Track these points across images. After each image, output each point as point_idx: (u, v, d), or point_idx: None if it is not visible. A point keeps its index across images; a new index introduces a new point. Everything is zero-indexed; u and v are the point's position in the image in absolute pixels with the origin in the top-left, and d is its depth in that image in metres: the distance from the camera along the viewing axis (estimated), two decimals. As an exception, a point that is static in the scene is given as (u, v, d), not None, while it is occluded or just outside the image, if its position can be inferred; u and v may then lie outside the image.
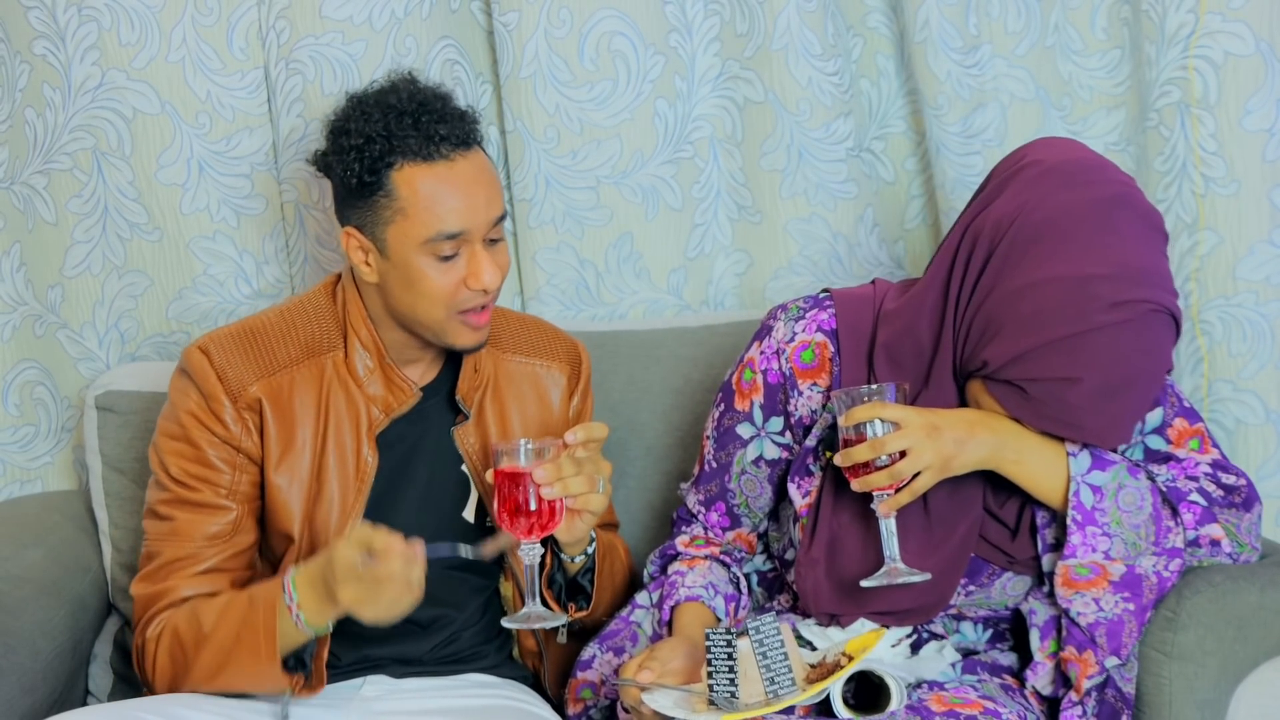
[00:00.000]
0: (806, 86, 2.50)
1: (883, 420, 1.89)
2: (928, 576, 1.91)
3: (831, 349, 2.06)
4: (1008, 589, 2.03)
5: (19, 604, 2.18)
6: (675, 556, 2.18)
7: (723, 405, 2.14)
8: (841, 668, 1.86)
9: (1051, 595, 1.98)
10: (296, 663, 1.99)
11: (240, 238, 2.57)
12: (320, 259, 2.57)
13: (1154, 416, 2.05)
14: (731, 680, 1.84)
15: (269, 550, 2.14)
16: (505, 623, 1.96)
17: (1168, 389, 2.06)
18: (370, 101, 2.04)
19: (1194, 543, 2.00)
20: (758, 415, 2.11)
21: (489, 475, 1.96)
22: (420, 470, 2.14)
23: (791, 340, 2.09)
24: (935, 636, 2.04)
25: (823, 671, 1.88)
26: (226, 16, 2.51)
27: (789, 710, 1.86)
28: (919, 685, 1.96)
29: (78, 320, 2.57)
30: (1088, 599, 1.93)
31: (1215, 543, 2.01)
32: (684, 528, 2.22)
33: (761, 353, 2.11)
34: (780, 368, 2.09)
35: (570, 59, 2.53)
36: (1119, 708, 1.94)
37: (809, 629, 2.01)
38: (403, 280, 2.02)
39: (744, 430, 2.12)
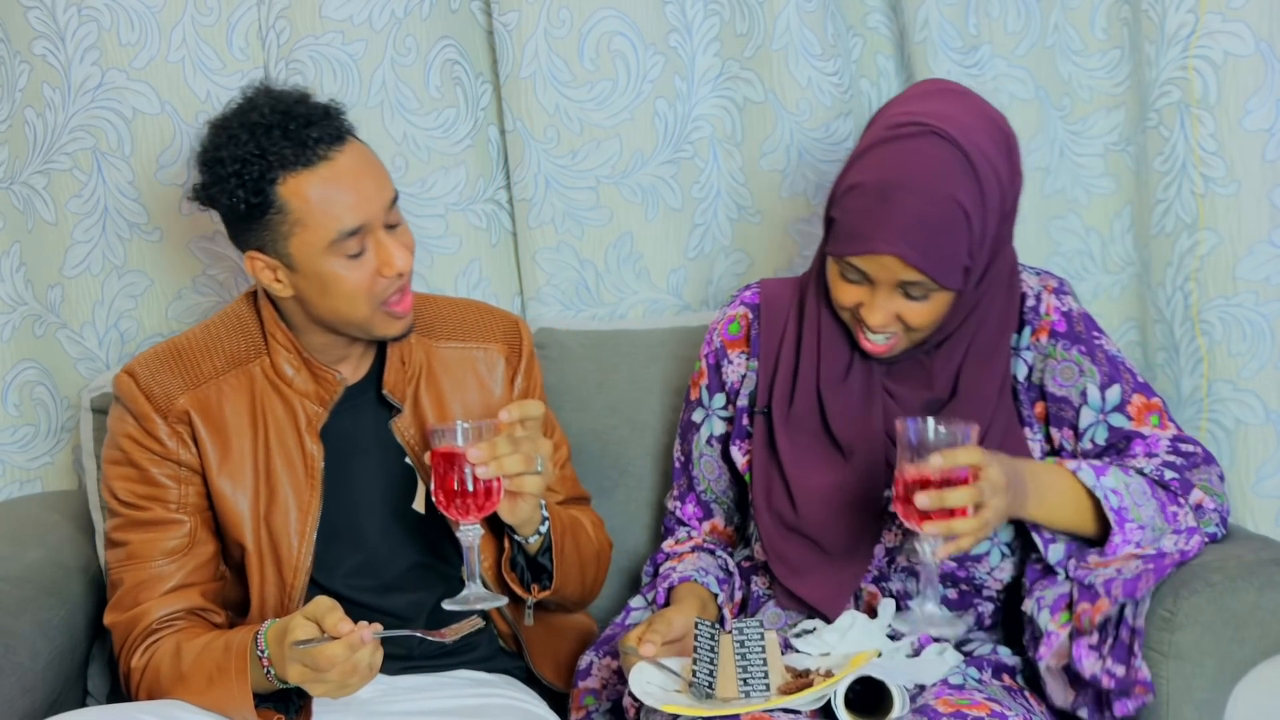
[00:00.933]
0: (806, 86, 2.50)
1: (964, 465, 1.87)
2: (960, 629, 1.94)
3: (751, 317, 2.19)
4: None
5: (18, 604, 2.18)
6: (666, 559, 2.23)
7: (684, 405, 2.28)
8: (821, 681, 1.88)
9: (1048, 571, 2.02)
10: (282, 698, 1.98)
11: (240, 238, 2.57)
12: (320, 259, 2.57)
13: (1113, 394, 2.07)
14: (711, 672, 1.88)
15: (229, 558, 2.14)
16: (446, 604, 1.95)
17: (1120, 365, 2.08)
18: (234, 124, 2.00)
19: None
20: (704, 396, 2.23)
21: (426, 457, 1.94)
22: (366, 466, 2.14)
23: (721, 319, 2.23)
24: (936, 640, 2.05)
25: (803, 683, 1.90)
26: (226, 16, 2.52)
27: (795, 712, 1.88)
28: (920, 689, 1.96)
29: (78, 320, 2.57)
30: (1110, 570, 1.97)
31: (1199, 506, 2.04)
32: (669, 536, 2.29)
33: (705, 342, 2.24)
34: (714, 345, 2.22)
35: (570, 59, 2.53)
36: (1131, 643, 1.95)
37: (805, 641, 2.02)
38: (318, 288, 2.01)
39: (697, 416, 2.24)
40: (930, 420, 1.88)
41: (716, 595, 2.13)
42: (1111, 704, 1.92)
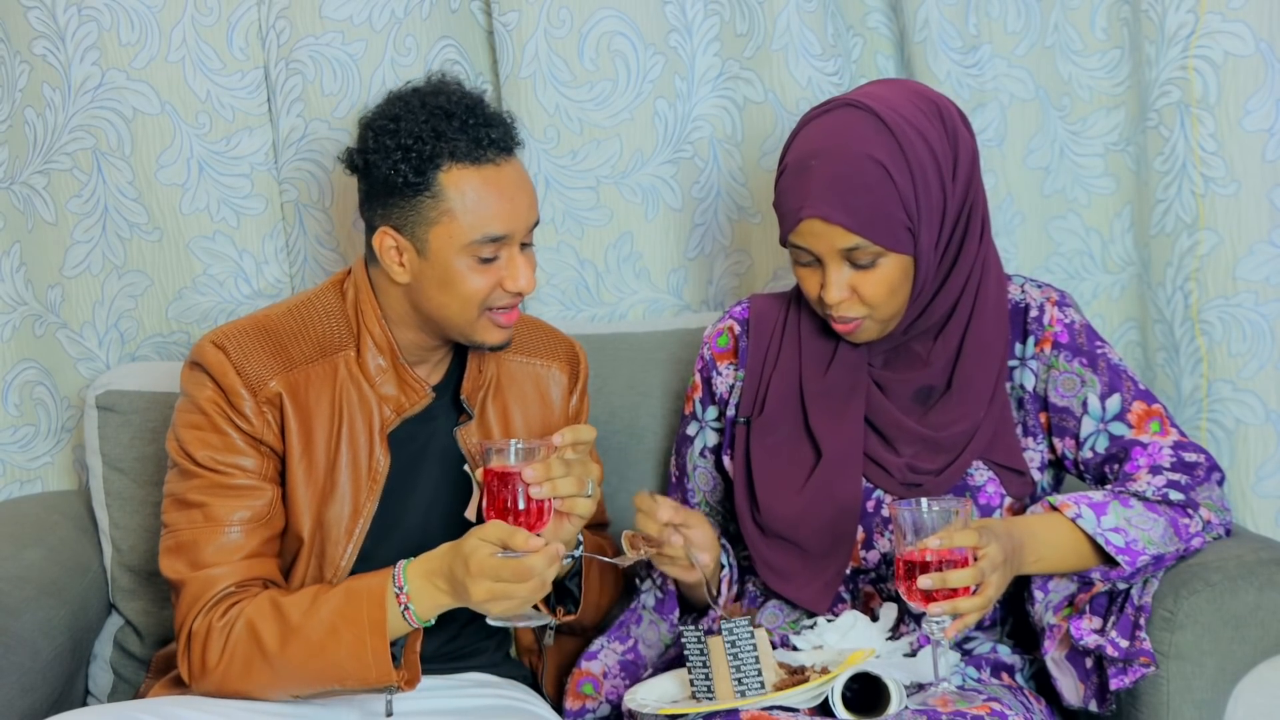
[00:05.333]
0: (806, 86, 2.50)
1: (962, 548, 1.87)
2: (952, 689, 1.93)
3: (739, 330, 2.21)
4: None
5: (19, 604, 2.18)
6: None
7: (680, 420, 2.29)
8: (817, 678, 1.89)
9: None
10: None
11: (240, 238, 2.57)
12: (320, 259, 2.57)
13: (1113, 403, 2.07)
14: (707, 676, 1.89)
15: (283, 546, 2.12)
16: (491, 621, 1.96)
17: (1121, 373, 2.08)
18: (416, 101, 2.02)
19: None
20: (699, 410, 2.24)
21: (479, 474, 1.95)
22: (427, 470, 2.14)
23: (712, 333, 2.25)
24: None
25: (798, 679, 1.91)
26: (226, 16, 2.52)
27: (793, 711, 1.88)
28: (919, 688, 1.96)
29: (78, 320, 2.57)
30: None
31: (1208, 523, 2.04)
32: None
33: (699, 357, 2.25)
34: (706, 358, 2.23)
35: (570, 59, 2.54)
36: (1137, 618, 1.96)
37: (803, 638, 2.03)
38: (439, 281, 2.02)
39: (691, 429, 2.25)
40: (924, 501, 1.88)
41: (724, 566, 2.13)
42: (1108, 682, 1.92)
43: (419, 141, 1.98)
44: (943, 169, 2.01)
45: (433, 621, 1.95)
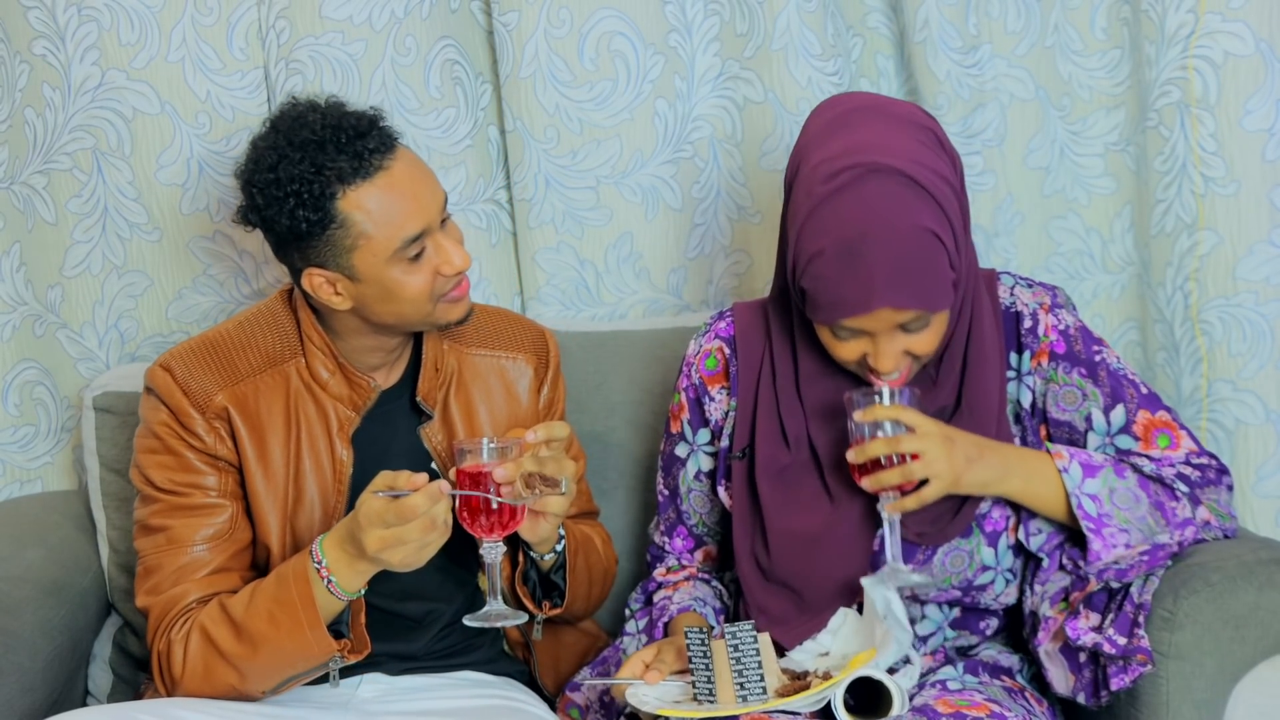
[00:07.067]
0: (806, 86, 2.50)
1: (899, 424, 1.92)
2: (929, 579, 1.96)
3: (728, 352, 2.13)
4: (947, 566, 2.03)
5: (19, 604, 2.18)
6: (658, 588, 2.20)
7: (664, 436, 2.22)
8: (819, 684, 1.88)
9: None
10: (335, 636, 1.98)
11: (240, 238, 2.57)
12: (320, 259, 2.57)
13: (1117, 416, 2.04)
14: (709, 679, 1.88)
15: (254, 558, 2.13)
16: (467, 620, 1.96)
17: (1122, 380, 2.05)
18: (284, 142, 1.98)
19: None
20: (688, 432, 2.17)
21: (451, 473, 1.94)
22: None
23: (698, 353, 2.16)
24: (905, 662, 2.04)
25: (800, 685, 1.90)
26: (226, 16, 2.52)
27: (795, 715, 1.88)
28: (920, 689, 1.96)
29: (77, 320, 2.57)
30: (1105, 563, 1.97)
31: (1206, 523, 2.03)
32: (657, 565, 2.25)
33: (682, 375, 2.18)
34: (693, 380, 2.16)
35: (570, 59, 2.54)
36: (1136, 615, 1.94)
37: (801, 648, 2.02)
38: (380, 296, 2.01)
39: (681, 450, 2.19)
40: (876, 388, 1.93)
41: (714, 628, 2.10)
42: (1109, 681, 1.91)
43: (304, 183, 1.95)
44: (960, 203, 1.97)
45: (363, 591, 1.95)
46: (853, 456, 1.94)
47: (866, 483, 1.94)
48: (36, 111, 2.50)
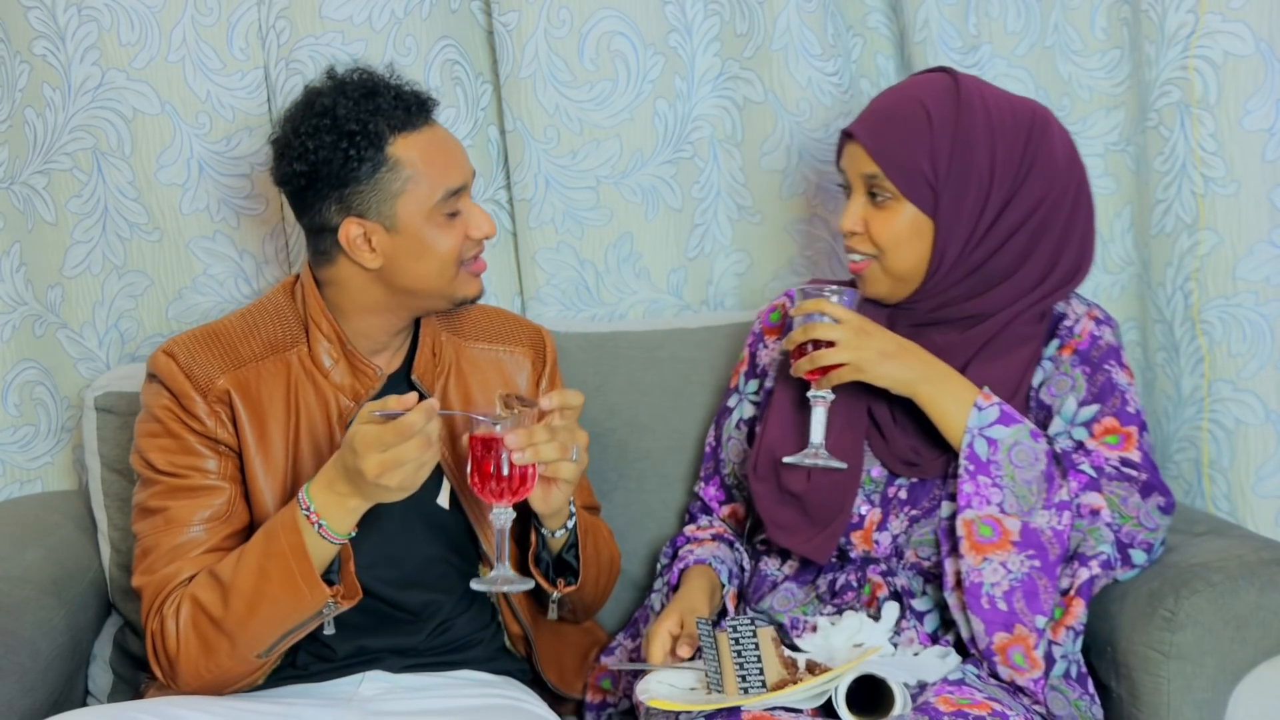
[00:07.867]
0: (806, 86, 2.51)
1: (827, 315, 2.04)
2: (845, 466, 2.06)
3: (790, 307, 2.20)
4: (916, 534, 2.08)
5: (19, 604, 2.18)
6: (686, 542, 2.26)
7: (724, 393, 2.35)
8: (808, 678, 1.90)
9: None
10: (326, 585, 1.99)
11: (240, 238, 2.57)
12: (320, 259, 2.57)
13: (1087, 412, 2.08)
14: (717, 669, 1.91)
15: None
16: (473, 584, 1.97)
17: (1113, 392, 2.08)
18: (337, 91, 2.06)
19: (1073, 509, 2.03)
20: (741, 382, 2.31)
21: (464, 440, 1.96)
22: None
23: (766, 309, 2.32)
24: (936, 641, 2.05)
25: (799, 678, 1.91)
26: (226, 16, 2.51)
27: (797, 711, 1.89)
28: (921, 688, 1.96)
29: (78, 320, 2.57)
30: (995, 564, 1.98)
31: (1095, 512, 2.03)
32: (692, 521, 2.33)
33: (750, 334, 2.33)
34: (755, 332, 2.31)
35: (570, 59, 2.54)
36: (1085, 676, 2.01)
37: (807, 640, 2.03)
38: (413, 252, 2.05)
39: (731, 401, 2.32)
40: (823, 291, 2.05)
41: (724, 586, 2.16)
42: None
43: (361, 123, 2.03)
44: (997, 161, 2.04)
45: (354, 533, 1.96)
46: (784, 344, 2.11)
47: (792, 369, 2.06)
48: (36, 111, 2.50)
